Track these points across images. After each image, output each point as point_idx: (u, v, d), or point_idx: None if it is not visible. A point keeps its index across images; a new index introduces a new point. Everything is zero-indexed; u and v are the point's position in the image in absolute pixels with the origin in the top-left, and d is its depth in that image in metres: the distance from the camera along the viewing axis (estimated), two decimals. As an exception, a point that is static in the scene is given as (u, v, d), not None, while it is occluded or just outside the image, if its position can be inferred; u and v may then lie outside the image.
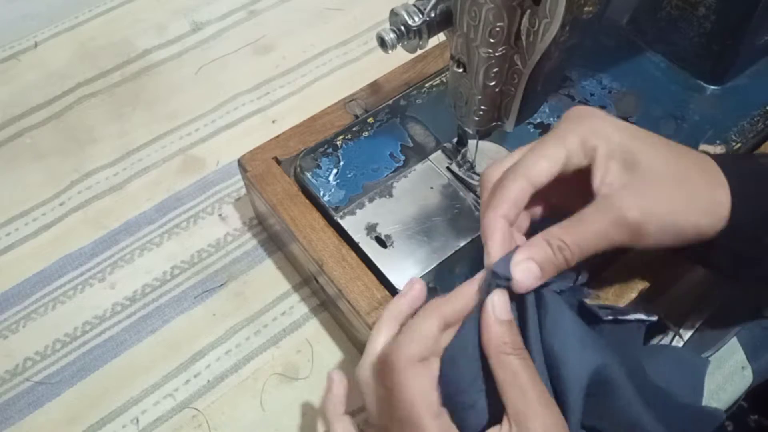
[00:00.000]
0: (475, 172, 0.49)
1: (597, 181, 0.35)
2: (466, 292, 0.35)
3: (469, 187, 0.49)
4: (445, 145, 0.51)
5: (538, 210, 0.39)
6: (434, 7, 0.38)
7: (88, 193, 0.60)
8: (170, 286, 0.54)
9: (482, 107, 0.42)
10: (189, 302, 0.53)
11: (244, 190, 0.59)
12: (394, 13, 0.39)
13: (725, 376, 0.47)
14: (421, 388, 0.32)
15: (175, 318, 0.53)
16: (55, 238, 0.57)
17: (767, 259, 0.38)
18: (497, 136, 0.52)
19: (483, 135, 0.46)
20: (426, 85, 0.56)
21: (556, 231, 0.34)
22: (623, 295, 0.45)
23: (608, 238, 0.34)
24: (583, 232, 0.34)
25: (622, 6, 0.59)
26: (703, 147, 0.52)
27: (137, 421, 0.48)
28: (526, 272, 0.33)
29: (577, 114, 0.37)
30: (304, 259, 0.49)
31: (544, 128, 0.53)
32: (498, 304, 0.33)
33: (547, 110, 0.54)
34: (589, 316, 0.37)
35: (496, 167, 0.38)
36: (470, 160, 0.49)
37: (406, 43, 0.40)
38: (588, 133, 0.36)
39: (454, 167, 0.50)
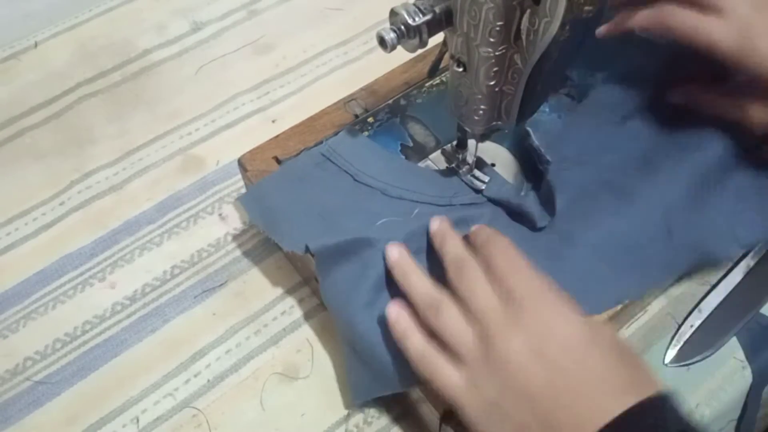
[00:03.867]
0: (474, 174, 0.49)
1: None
2: None
3: (470, 187, 0.49)
4: (444, 147, 0.51)
5: None
6: (434, 7, 0.38)
7: (88, 192, 0.60)
8: (170, 285, 0.54)
9: (482, 107, 0.42)
10: (189, 302, 0.53)
11: (244, 190, 0.59)
12: (394, 13, 0.39)
13: (725, 376, 0.47)
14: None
15: (175, 318, 0.53)
16: (55, 238, 0.57)
17: None
18: (497, 136, 0.52)
19: (483, 135, 0.46)
20: (426, 85, 0.56)
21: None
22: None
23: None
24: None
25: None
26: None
27: (137, 420, 0.48)
28: None
29: None
30: (304, 259, 0.49)
31: (544, 128, 0.53)
32: None
33: (547, 110, 0.54)
34: None
35: None
36: (470, 162, 0.49)
37: (406, 42, 0.40)
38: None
39: (454, 169, 0.50)
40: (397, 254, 0.42)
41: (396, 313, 0.40)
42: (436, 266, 0.42)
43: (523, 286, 0.37)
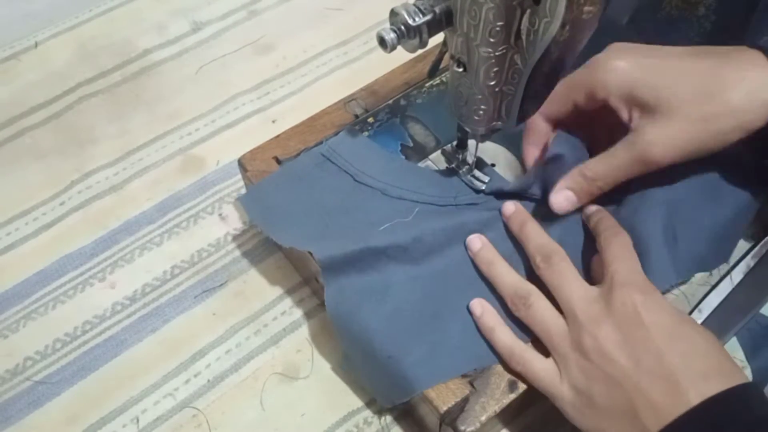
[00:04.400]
0: (474, 175, 0.49)
1: (626, 121, 0.42)
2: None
3: (470, 188, 0.49)
4: (444, 148, 0.51)
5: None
6: (434, 7, 0.38)
7: (88, 192, 0.60)
8: (170, 285, 0.54)
9: (482, 107, 0.42)
10: (189, 302, 0.53)
11: (244, 190, 0.59)
12: (394, 13, 0.39)
13: (725, 376, 0.47)
14: None
15: (175, 318, 0.53)
16: (55, 238, 0.57)
17: None
18: (497, 136, 0.52)
19: (483, 135, 0.46)
20: (426, 85, 0.56)
21: (590, 164, 0.43)
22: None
23: (633, 171, 0.41)
24: (612, 167, 0.42)
25: (622, 6, 0.59)
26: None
27: (137, 420, 0.48)
28: (565, 200, 0.43)
29: (599, 57, 0.43)
30: (304, 259, 0.49)
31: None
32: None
33: (547, 110, 0.54)
34: None
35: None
36: (470, 162, 0.49)
37: (406, 42, 0.40)
38: (595, 82, 0.42)
39: (455, 169, 0.50)
40: (479, 244, 0.45)
41: (481, 307, 0.42)
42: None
43: (621, 273, 0.38)
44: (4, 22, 0.73)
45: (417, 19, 0.38)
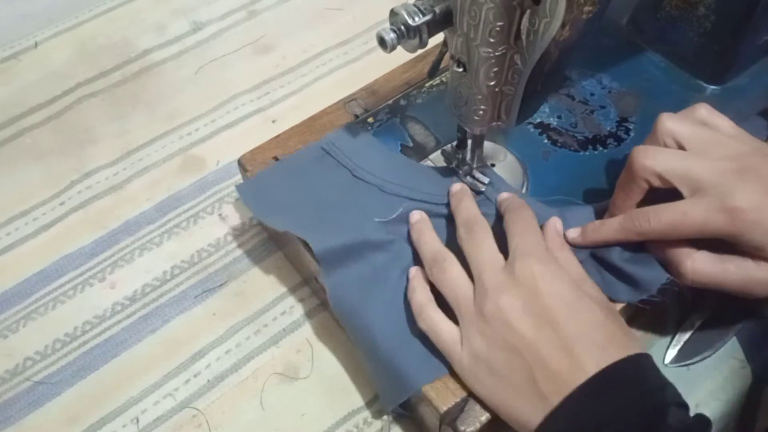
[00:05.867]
0: (473, 176, 0.49)
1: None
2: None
3: (470, 188, 0.49)
4: (444, 148, 0.51)
5: None
6: (434, 7, 0.38)
7: (88, 192, 0.60)
8: (170, 285, 0.54)
9: (482, 107, 0.42)
10: (189, 302, 0.53)
11: (244, 190, 0.59)
12: (394, 13, 0.39)
13: (725, 376, 0.47)
14: None
15: (175, 318, 0.53)
16: (55, 238, 0.57)
17: None
18: (497, 136, 0.52)
19: (483, 135, 0.46)
20: (426, 85, 0.56)
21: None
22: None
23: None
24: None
25: (622, 6, 0.59)
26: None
27: (137, 420, 0.48)
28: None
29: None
30: (304, 259, 0.49)
31: (543, 128, 0.53)
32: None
33: (547, 110, 0.54)
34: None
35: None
36: (470, 162, 0.49)
37: (406, 42, 0.40)
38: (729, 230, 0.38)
39: (454, 169, 0.50)
40: (417, 216, 0.46)
41: (415, 270, 0.43)
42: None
43: (523, 246, 0.39)
44: (4, 22, 0.73)
45: (417, 19, 0.38)
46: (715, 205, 0.37)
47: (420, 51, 0.41)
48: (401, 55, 0.44)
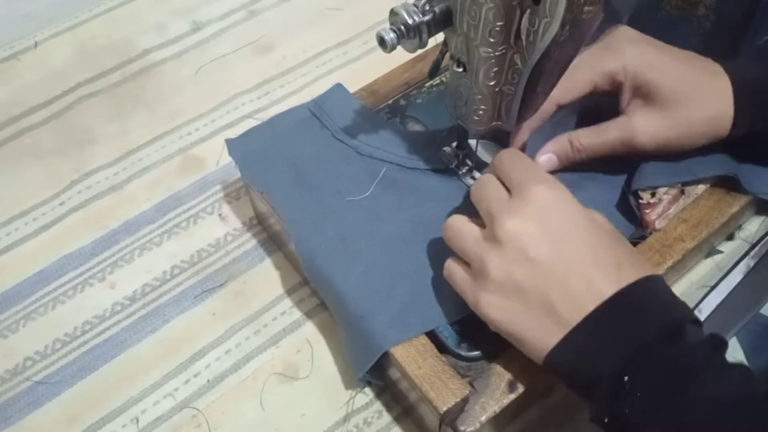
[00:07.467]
0: (473, 176, 0.49)
1: (623, 104, 0.45)
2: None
3: (464, 184, 0.49)
4: (444, 148, 0.51)
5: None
6: (434, 7, 0.38)
7: (88, 192, 0.60)
8: (170, 285, 0.54)
9: (482, 107, 0.42)
10: (189, 302, 0.53)
11: (244, 190, 0.59)
12: (393, 13, 0.39)
13: (725, 376, 0.47)
14: None
15: (175, 318, 0.53)
16: (55, 238, 0.57)
17: None
18: (497, 136, 0.52)
19: (483, 135, 0.46)
20: (426, 85, 0.56)
21: (580, 134, 0.46)
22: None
23: (616, 149, 0.45)
24: (599, 141, 0.45)
25: (622, 6, 0.59)
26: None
27: (137, 420, 0.48)
28: (547, 162, 0.46)
29: (617, 40, 0.45)
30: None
31: (544, 128, 0.53)
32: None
33: (547, 110, 0.54)
34: None
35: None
36: (469, 163, 0.49)
37: (406, 42, 0.40)
38: (618, 67, 0.44)
39: (454, 170, 0.50)
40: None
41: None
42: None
43: (527, 174, 0.39)
44: (4, 22, 0.73)
45: (417, 19, 0.38)
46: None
47: (420, 51, 0.41)
48: (401, 55, 0.44)
